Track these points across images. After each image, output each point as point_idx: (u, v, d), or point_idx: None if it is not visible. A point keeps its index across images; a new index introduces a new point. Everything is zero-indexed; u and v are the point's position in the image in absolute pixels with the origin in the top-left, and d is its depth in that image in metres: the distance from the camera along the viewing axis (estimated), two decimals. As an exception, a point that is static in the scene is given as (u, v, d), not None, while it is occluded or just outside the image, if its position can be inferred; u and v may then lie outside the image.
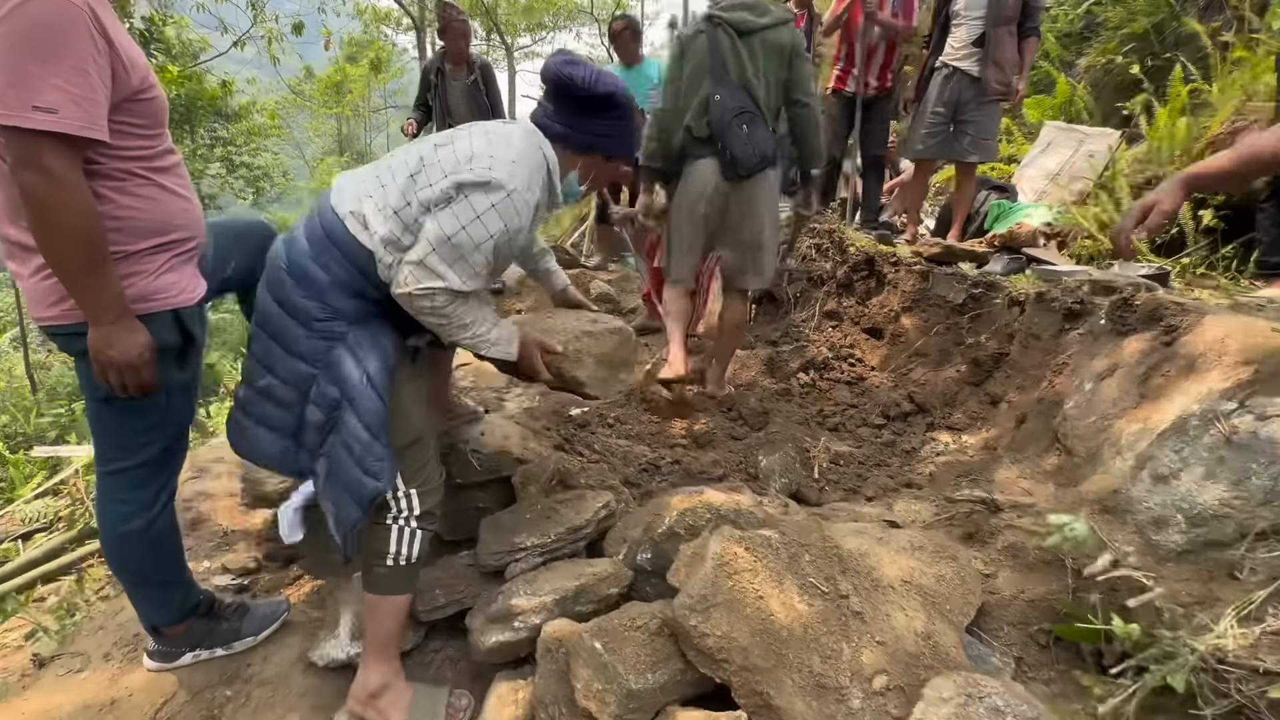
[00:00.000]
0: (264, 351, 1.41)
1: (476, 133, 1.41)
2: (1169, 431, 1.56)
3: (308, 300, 1.36)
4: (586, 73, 1.40)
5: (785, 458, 2.38)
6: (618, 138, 1.51)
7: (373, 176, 1.41)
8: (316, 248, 1.38)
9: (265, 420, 1.44)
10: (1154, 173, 3.27)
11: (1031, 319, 2.63)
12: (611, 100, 1.44)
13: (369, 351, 1.37)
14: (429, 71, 4.20)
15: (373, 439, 1.35)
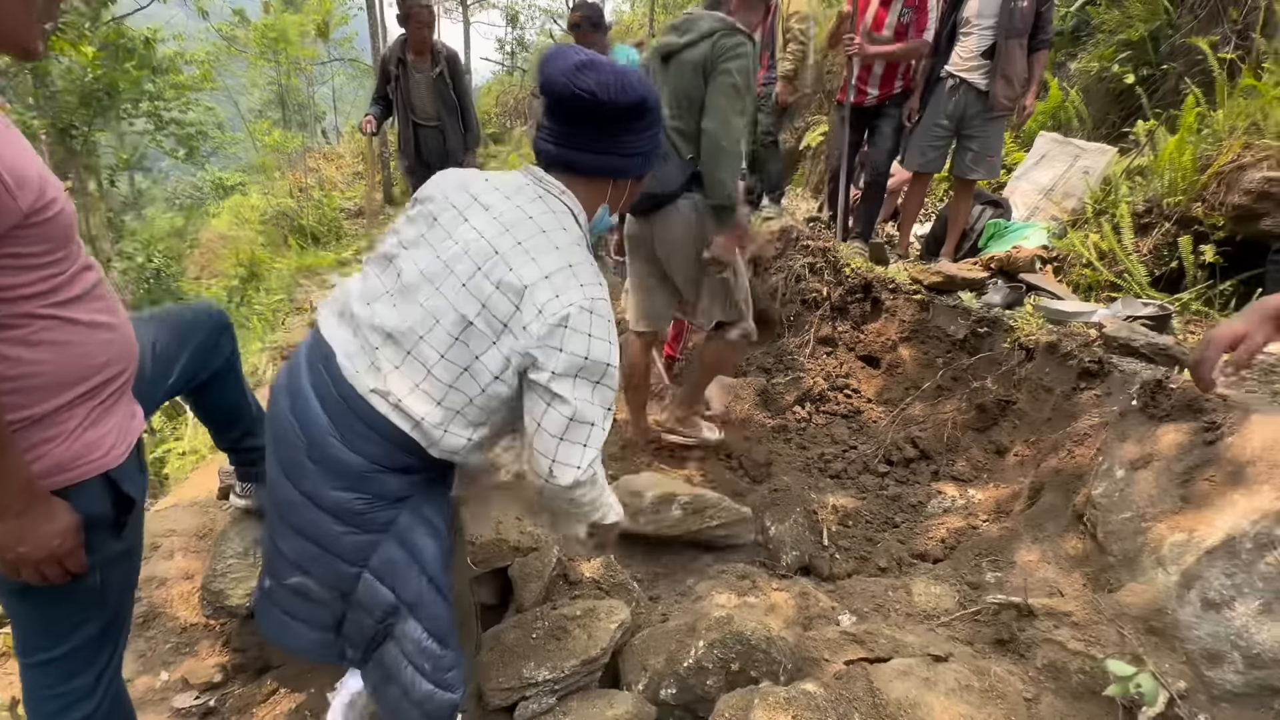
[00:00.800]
0: (292, 548, 1.16)
1: (508, 249, 1.06)
2: (1219, 550, 1.48)
3: (341, 492, 1.09)
4: (609, 79, 1.04)
5: (795, 527, 2.27)
6: (648, 154, 1.18)
7: (390, 340, 1.08)
8: (341, 425, 1.09)
9: (299, 615, 1.20)
10: (1155, 199, 3.20)
11: (1042, 369, 2.56)
12: (644, 107, 1.10)
13: (424, 538, 1.14)
14: (388, 62, 3.79)
15: (443, 649, 1.16)
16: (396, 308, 1.10)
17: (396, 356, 1.09)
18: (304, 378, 1.15)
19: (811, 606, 1.86)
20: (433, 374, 1.08)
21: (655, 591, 2.00)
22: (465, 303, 1.06)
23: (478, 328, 1.06)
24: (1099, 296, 3.19)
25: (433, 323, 1.07)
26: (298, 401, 1.14)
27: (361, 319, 1.12)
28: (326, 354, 1.13)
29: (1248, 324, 1.21)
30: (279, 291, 4.97)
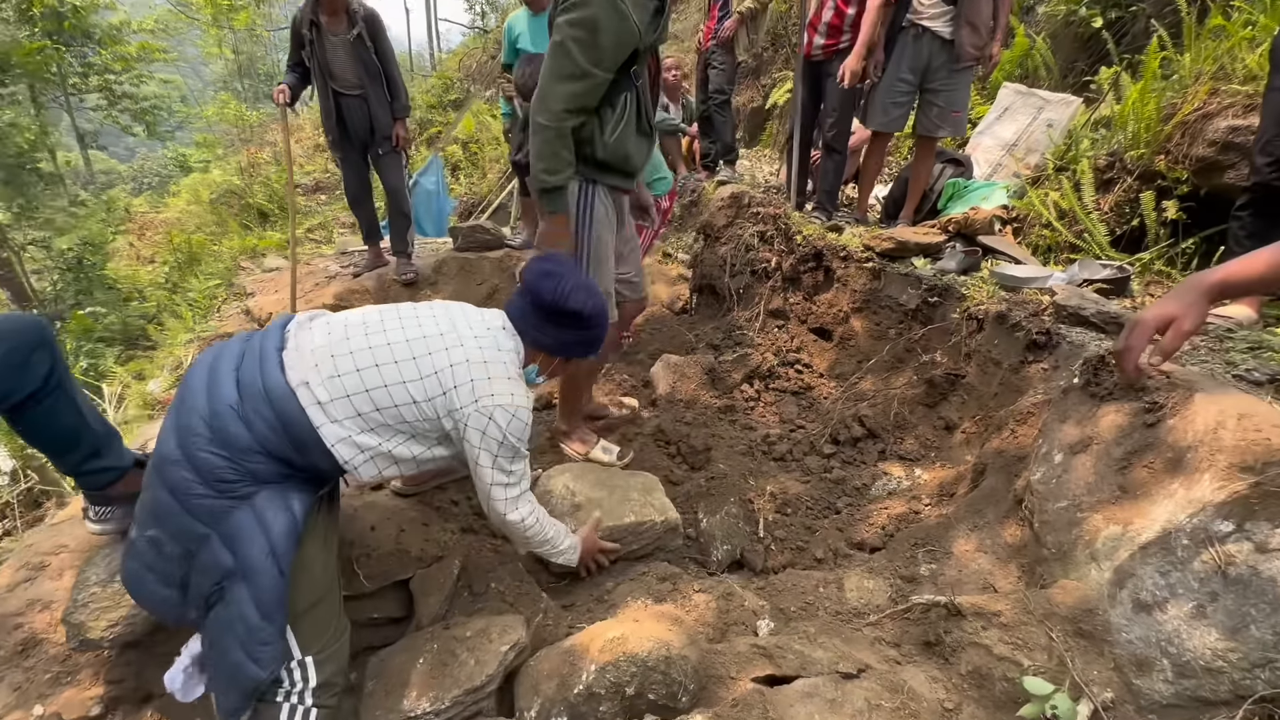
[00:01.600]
0: (154, 500, 1.27)
1: (461, 360, 1.39)
2: (1153, 546, 1.36)
3: (217, 457, 1.23)
4: (557, 286, 1.47)
5: (728, 519, 2.14)
6: (579, 345, 1.58)
7: (351, 368, 1.32)
8: (249, 402, 1.26)
9: (153, 568, 1.29)
10: (1118, 152, 3.02)
11: (991, 341, 2.41)
12: (578, 317, 1.50)
13: (276, 516, 1.25)
14: (300, 25, 3.47)
15: (264, 621, 1.22)
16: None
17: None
18: (226, 365, 1.30)
19: (733, 610, 1.74)
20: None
21: (570, 598, 1.87)
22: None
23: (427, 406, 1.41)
24: (1059, 258, 3.03)
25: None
26: (211, 369, 1.31)
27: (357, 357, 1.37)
28: (263, 349, 1.32)
29: (1178, 305, 1.05)
30: (216, 276, 4.71)
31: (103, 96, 17.70)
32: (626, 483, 2.12)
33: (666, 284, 4.25)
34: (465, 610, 1.73)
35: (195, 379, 1.30)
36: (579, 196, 1.92)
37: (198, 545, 1.23)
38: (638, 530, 1.99)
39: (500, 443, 1.40)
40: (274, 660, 1.23)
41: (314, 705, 1.28)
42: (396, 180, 3.90)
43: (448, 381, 1.36)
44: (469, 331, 1.44)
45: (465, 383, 1.36)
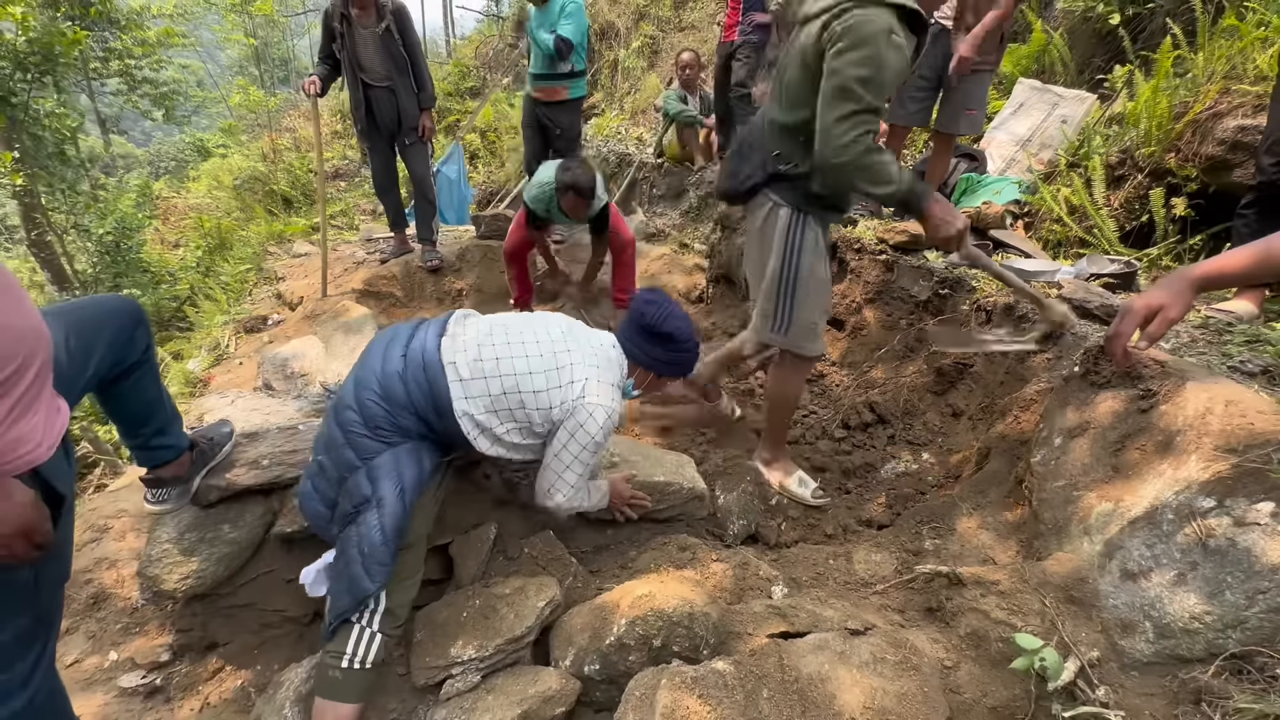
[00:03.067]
0: (327, 433, 1.58)
1: (579, 361, 1.64)
2: (1141, 521, 1.47)
3: (380, 407, 1.53)
4: (658, 312, 1.71)
5: (743, 496, 2.27)
6: (670, 365, 1.78)
7: (492, 356, 1.59)
8: (410, 370, 1.55)
9: (316, 487, 1.59)
10: (1130, 149, 3.09)
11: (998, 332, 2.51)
12: (670, 338, 1.72)
13: (411, 464, 1.53)
14: (331, 19, 3.59)
15: (384, 543, 1.47)
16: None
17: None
18: (401, 338, 1.62)
19: (749, 578, 1.87)
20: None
21: (597, 565, 2.01)
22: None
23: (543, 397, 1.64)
24: (1068, 253, 3.11)
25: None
26: (392, 342, 1.62)
27: (501, 350, 1.64)
28: (429, 335, 1.62)
29: (1166, 294, 1.16)
30: (246, 261, 4.87)
31: (123, 81, 17.90)
32: (662, 456, 2.26)
33: (683, 274, 4.37)
34: (501, 573, 1.87)
35: (377, 345, 1.64)
36: (790, 225, 2.00)
37: (350, 473, 1.51)
38: (666, 490, 2.12)
39: (591, 438, 1.60)
40: (384, 577, 1.47)
41: (379, 630, 1.50)
42: (422, 169, 4.02)
43: (565, 377, 1.60)
44: (586, 342, 1.69)
45: (579, 380, 1.60)
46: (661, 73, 8.47)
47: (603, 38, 9.69)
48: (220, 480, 1.84)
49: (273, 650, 1.93)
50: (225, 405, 2.26)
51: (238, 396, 2.25)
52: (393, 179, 4.16)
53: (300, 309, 4.01)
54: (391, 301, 4.13)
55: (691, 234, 4.82)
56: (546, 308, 4.08)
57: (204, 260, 5.09)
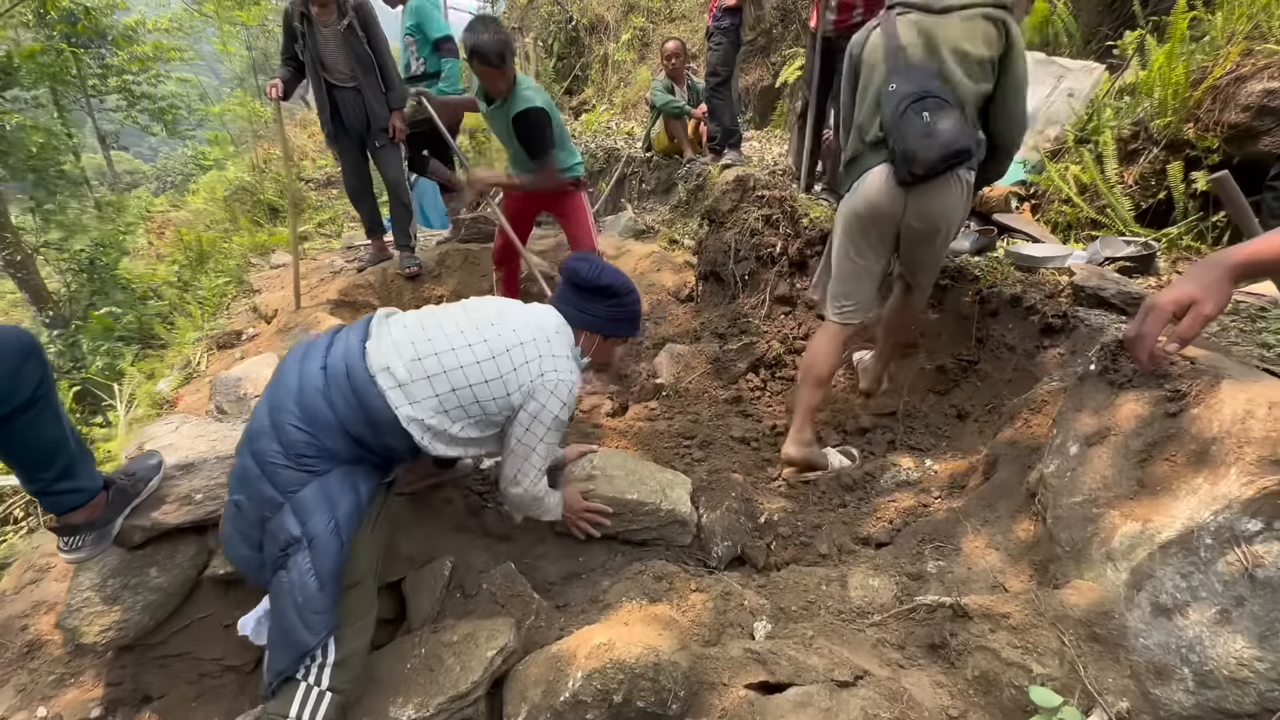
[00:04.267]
0: (242, 467, 1.42)
1: (526, 340, 1.53)
2: (1174, 545, 1.27)
3: (302, 432, 1.37)
4: (591, 268, 1.68)
5: (728, 515, 2.07)
6: (617, 321, 1.73)
7: (431, 353, 1.46)
8: (334, 384, 1.41)
9: (238, 529, 1.43)
10: (1144, 121, 2.85)
11: (1005, 325, 2.30)
12: (610, 291, 1.69)
13: (345, 494, 1.37)
14: (291, 18, 3.42)
15: (319, 590, 1.31)
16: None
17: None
18: (318, 351, 1.48)
19: (730, 611, 1.68)
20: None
21: (566, 598, 1.83)
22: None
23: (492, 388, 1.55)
24: (1079, 236, 2.89)
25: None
26: (306, 356, 1.47)
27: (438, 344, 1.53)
28: (348, 343, 1.48)
29: (1198, 286, 0.96)
30: (226, 274, 4.73)
31: (122, 97, 17.97)
32: (652, 474, 2.09)
33: (672, 271, 4.17)
34: (457, 612, 1.70)
35: (291, 362, 1.48)
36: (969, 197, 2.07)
37: (272, 512, 1.35)
38: (638, 510, 1.95)
39: (554, 416, 1.53)
40: (324, 628, 1.31)
41: (329, 688, 1.32)
42: (395, 173, 3.86)
43: (516, 360, 1.50)
44: (526, 319, 1.59)
45: (531, 359, 1.51)
46: (653, 65, 8.26)
47: (592, 32, 9.49)
48: (145, 520, 1.67)
49: (212, 702, 1.77)
50: (169, 432, 2.10)
51: (183, 422, 2.09)
52: (366, 184, 4.00)
53: (275, 322, 3.86)
54: (368, 310, 3.97)
55: (681, 229, 4.62)
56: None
57: (182, 274, 4.96)
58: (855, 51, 2.15)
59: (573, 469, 2.09)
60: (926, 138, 1.87)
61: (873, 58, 2.08)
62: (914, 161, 1.90)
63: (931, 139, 1.87)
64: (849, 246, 2.16)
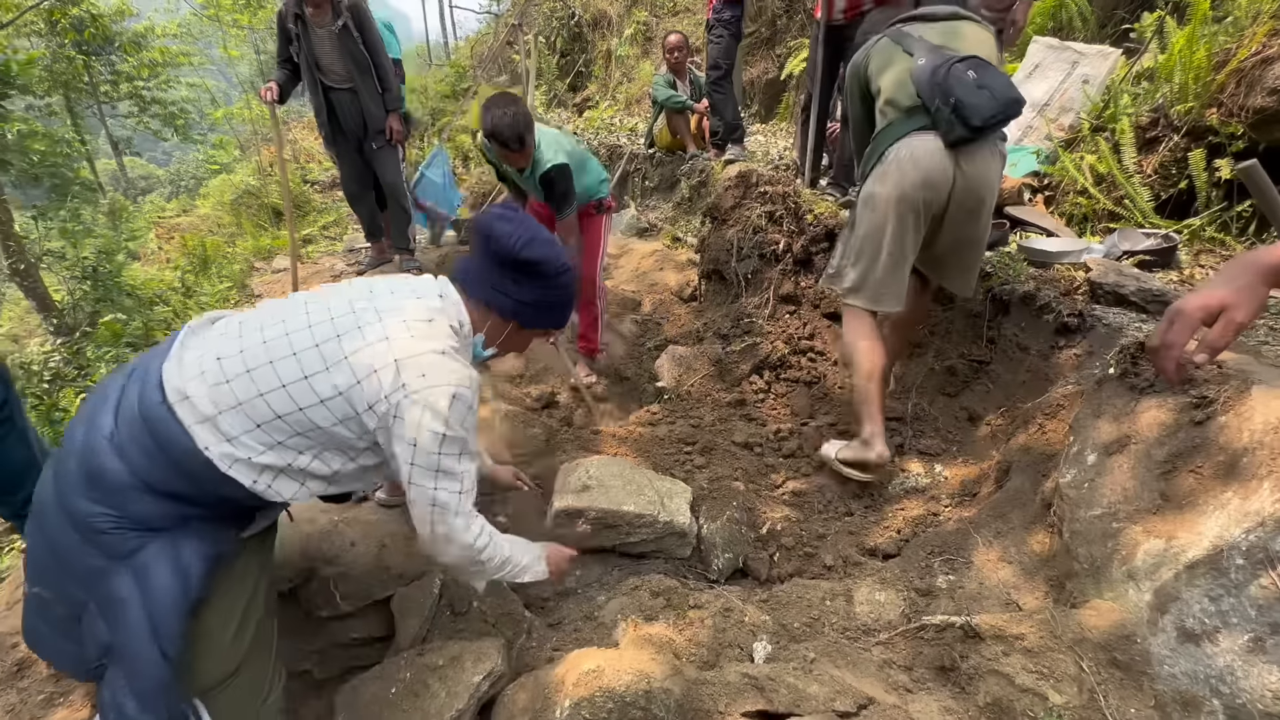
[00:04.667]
0: (33, 554, 1.10)
1: (384, 335, 1.13)
2: (1201, 565, 1.18)
3: (91, 502, 1.02)
4: (516, 231, 1.25)
5: (729, 526, 2.00)
6: (540, 310, 1.33)
7: (241, 370, 1.09)
8: (125, 429, 1.05)
9: (47, 620, 1.12)
10: (1163, 107, 2.73)
11: (1017, 324, 2.20)
12: (537, 269, 1.27)
13: (163, 580, 1.02)
14: (285, 20, 3.38)
15: (140, 711, 1.00)
16: None
17: None
18: (111, 390, 1.11)
19: (730, 629, 1.61)
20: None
21: (559, 615, 1.78)
22: None
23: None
24: (1096, 228, 2.77)
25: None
26: (95, 404, 1.10)
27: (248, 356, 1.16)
28: (143, 368, 1.13)
29: (1229, 290, 0.87)
30: (229, 279, 4.73)
31: (134, 103, 18.18)
32: (650, 483, 2.03)
33: (675, 270, 4.09)
34: (446, 632, 1.65)
35: (82, 412, 1.12)
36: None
37: (80, 610, 1.04)
38: (635, 522, 1.90)
39: (443, 437, 1.12)
40: None
41: None
42: (393, 175, 3.81)
43: (363, 366, 1.10)
44: (389, 303, 1.18)
45: (387, 365, 1.10)
46: (656, 60, 8.15)
47: (595, 27, 9.40)
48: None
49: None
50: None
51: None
52: (364, 186, 3.95)
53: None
54: (369, 315, 3.93)
55: (684, 227, 4.54)
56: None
57: (185, 280, 4.97)
58: (861, 61, 2.08)
59: (566, 480, 2.04)
60: (980, 89, 1.76)
61: (886, 54, 2.00)
62: (971, 112, 1.75)
63: (985, 90, 1.76)
64: (898, 231, 1.94)
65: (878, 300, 2.04)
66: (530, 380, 3.21)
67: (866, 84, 2.06)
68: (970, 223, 1.97)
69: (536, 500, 2.17)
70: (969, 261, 2.07)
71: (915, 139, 1.87)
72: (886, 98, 1.96)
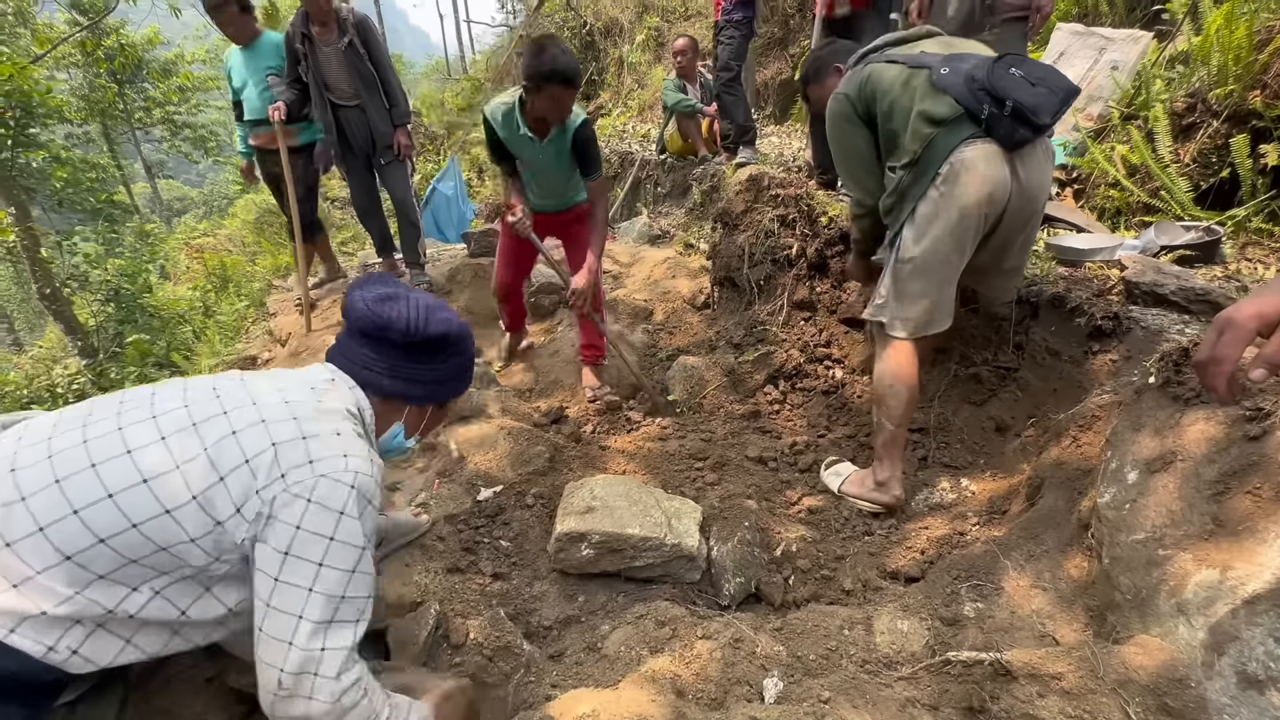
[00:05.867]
0: None
1: (252, 419, 0.93)
2: (1263, 601, 1.05)
3: None
4: (411, 313, 1.10)
5: (741, 548, 1.90)
6: (454, 380, 1.24)
7: (47, 479, 0.84)
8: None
9: None
10: (1200, 92, 2.56)
11: (1047, 328, 2.06)
12: (445, 342, 1.16)
13: None
14: (293, 40, 3.40)
15: None
16: None
17: None
18: None
19: (740, 663, 1.51)
20: None
21: (561, 645, 1.69)
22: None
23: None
24: (1130, 223, 2.61)
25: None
26: None
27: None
28: None
29: None
30: (248, 297, 4.79)
31: (166, 128, 18.82)
32: (657, 503, 1.94)
33: (688, 277, 4.01)
34: (444, 665, 1.58)
35: None
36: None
37: None
38: (641, 545, 1.82)
39: (330, 539, 0.89)
40: None
41: None
42: (403, 190, 3.80)
43: (229, 458, 0.87)
44: (265, 385, 1.00)
45: (262, 451, 0.88)
46: (669, 65, 8.10)
47: (606, 35, 9.39)
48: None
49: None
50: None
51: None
52: (374, 202, 3.96)
53: (287, 346, 3.84)
54: (380, 331, 3.92)
55: (696, 233, 4.45)
56: (541, 327, 3.79)
57: (206, 299, 5.05)
58: (849, 92, 1.90)
59: (570, 501, 1.95)
60: (1034, 86, 1.63)
61: (883, 75, 1.84)
62: (1034, 111, 1.61)
63: (1040, 86, 1.63)
64: (957, 251, 1.79)
65: (929, 326, 1.89)
66: (539, 394, 3.15)
67: (867, 109, 1.88)
68: (1023, 229, 1.84)
69: (540, 521, 2.10)
70: (1016, 267, 1.95)
71: (968, 150, 1.71)
72: (918, 111, 1.75)
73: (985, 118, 1.67)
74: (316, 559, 0.89)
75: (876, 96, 1.86)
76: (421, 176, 7.84)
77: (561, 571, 1.90)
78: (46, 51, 7.74)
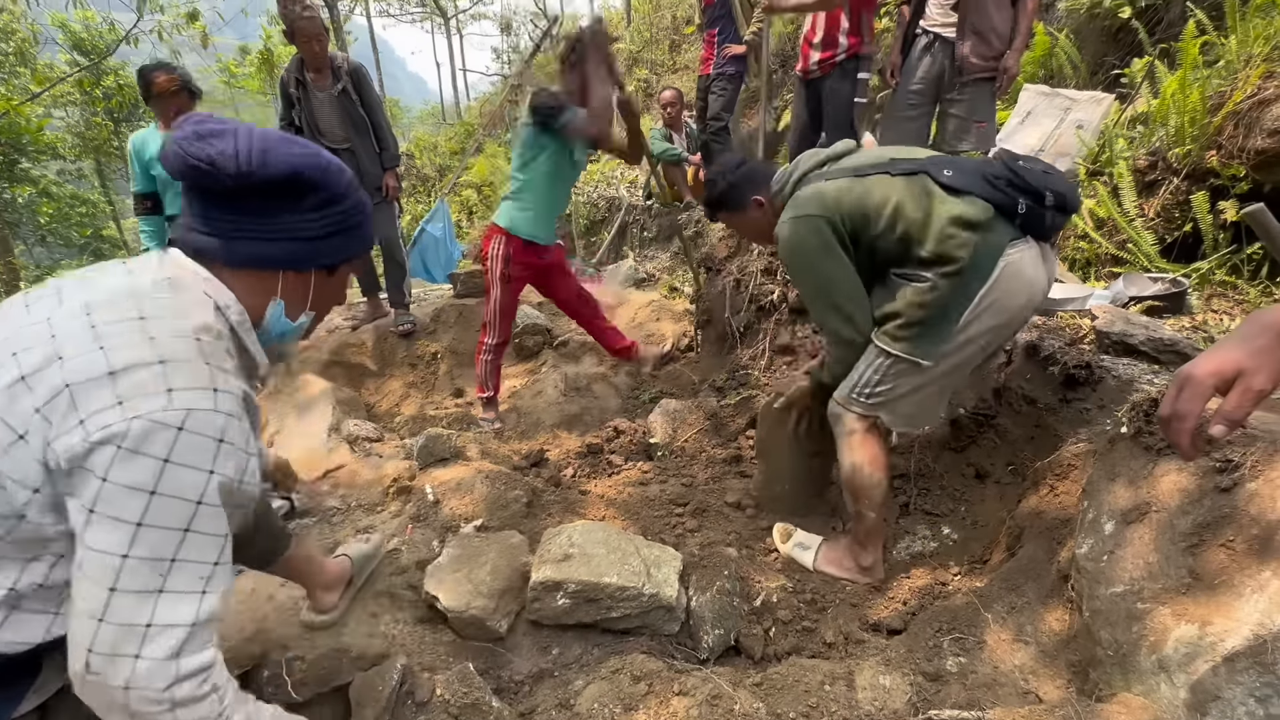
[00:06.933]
0: None
1: (62, 330, 0.76)
2: (1242, 658, 1.04)
3: None
4: (242, 145, 0.84)
5: (719, 598, 1.85)
6: (337, 234, 0.96)
7: None
8: None
9: None
10: (1160, 151, 2.68)
11: (1023, 376, 2.09)
12: (298, 182, 0.89)
13: None
14: (287, 85, 3.47)
15: None
16: None
17: None
18: None
19: (717, 720, 1.45)
20: None
21: (532, 702, 1.62)
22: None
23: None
24: (1100, 273, 2.68)
25: None
26: None
27: None
28: None
29: (1244, 352, 0.76)
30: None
31: (166, 169, 18.97)
32: (636, 550, 1.89)
33: (672, 320, 4.04)
34: (407, 724, 1.50)
35: None
36: None
37: None
38: (618, 595, 1.76)
39: (150, 493, 0.73)
40: None
41: None
42: (389, 231, 3.83)
43: (21, 409, 0.73)
44: (78, 304, 0.79)
45: (55, 395, 0.73)
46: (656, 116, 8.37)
47: (597, 86, 9.71)
48: None
49: None
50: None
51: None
52: (360, 242, 3.98)
53: (268, 385, 3.79)
54: (362, 372, 3.88)
55: (681, 277, 4.51)
56: (525, 367, 3.77)
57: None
58: (833, 211, 1.67)
59: (548, 548, 1.90)
60: (1049, 175, 1.58)
61: (876, 185, 1.66)
62: (1069, 200, 1.57)
63: (1053, 174, 1.59)
64: (981, 351, 1.70)
65: (924, 424, 1.84)
66: (521, 436, 3.11)
67: (854, 231, 1.68)
68: (1026, 321, 1.78)
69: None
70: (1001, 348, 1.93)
71: (1014, 253, 1.58)
72: (948, 217, 1.58)
73: (1024, 212, 1.56)
74: (133, 518, 0.73)
75: (868, 213, 1.65)
76: (411, 217, 7.92)
77: (535, 622, 1.84)
78: (43, 90, 7.83)
